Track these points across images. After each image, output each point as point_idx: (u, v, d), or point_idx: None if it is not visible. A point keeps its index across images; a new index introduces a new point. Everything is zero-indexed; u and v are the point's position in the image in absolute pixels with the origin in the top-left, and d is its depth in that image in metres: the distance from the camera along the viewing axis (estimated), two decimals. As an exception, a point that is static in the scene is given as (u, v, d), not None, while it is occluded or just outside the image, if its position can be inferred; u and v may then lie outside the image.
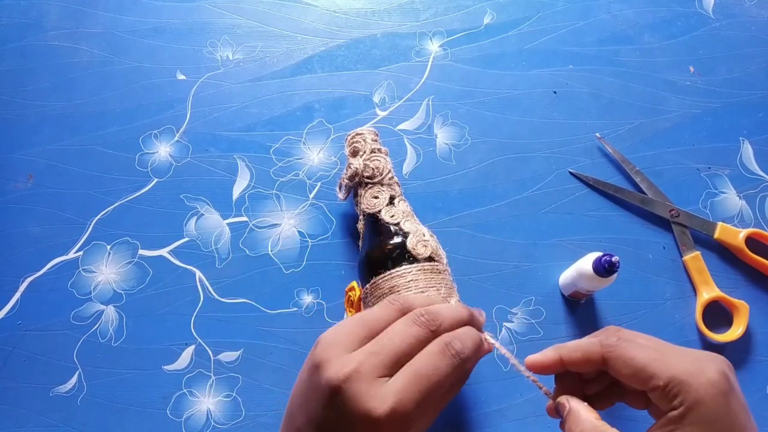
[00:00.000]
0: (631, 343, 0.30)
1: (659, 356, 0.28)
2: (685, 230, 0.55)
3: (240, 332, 0.52)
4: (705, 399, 0.27)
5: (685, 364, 0.28)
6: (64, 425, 0.50)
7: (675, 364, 0.28)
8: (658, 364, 0.28)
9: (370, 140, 0.50)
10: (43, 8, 0.63)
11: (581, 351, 0.31)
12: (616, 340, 0.30)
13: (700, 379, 0.27)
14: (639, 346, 0.29)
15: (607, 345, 0.30)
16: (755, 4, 0.65)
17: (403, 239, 0.45)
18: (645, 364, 0.28)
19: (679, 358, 0.28)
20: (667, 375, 0.27)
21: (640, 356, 0.29)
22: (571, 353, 0.31)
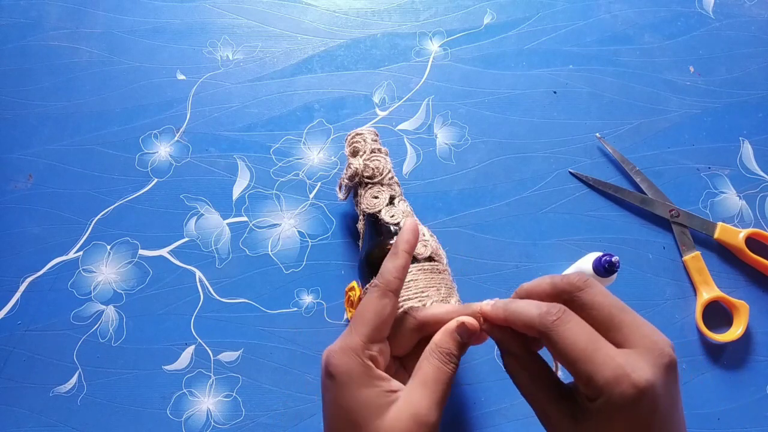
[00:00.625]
0: (567, 327, 0.29)
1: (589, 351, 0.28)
2: (685, 230, 0.55)
3: (240, 332, 0.52)
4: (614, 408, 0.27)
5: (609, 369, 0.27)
6: (64, 425, 0.50)
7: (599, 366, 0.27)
8: (582, 363, 0.28)
9: (370, 140, 0.50)
10: (43, 8, 0.63)
11: (522, 320, 0.31)
12: (554, 320, 0.29)
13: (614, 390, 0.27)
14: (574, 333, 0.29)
15: (544, 324, 0.29)
16: (755, 4, 0.65)
17: None
18: (571, 358, 0.28)
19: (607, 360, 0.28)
20: (585, 375, 0.28)
21: (570, 348, 0.28)
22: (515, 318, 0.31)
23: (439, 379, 0.32)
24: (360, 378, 0.32)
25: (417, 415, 0.31)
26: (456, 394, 0.50)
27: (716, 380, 0.52)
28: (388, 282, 0.34)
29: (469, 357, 0.51)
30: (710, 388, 0.51)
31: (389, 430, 0.31)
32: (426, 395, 0.32)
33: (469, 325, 0.33)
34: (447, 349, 0.33)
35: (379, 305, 0.33)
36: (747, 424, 0.50)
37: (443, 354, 0.33)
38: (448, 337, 0.33)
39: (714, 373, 0.52)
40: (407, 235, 0.35)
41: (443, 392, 0.32)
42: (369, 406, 0.31)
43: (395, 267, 0.34)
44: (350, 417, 0.31)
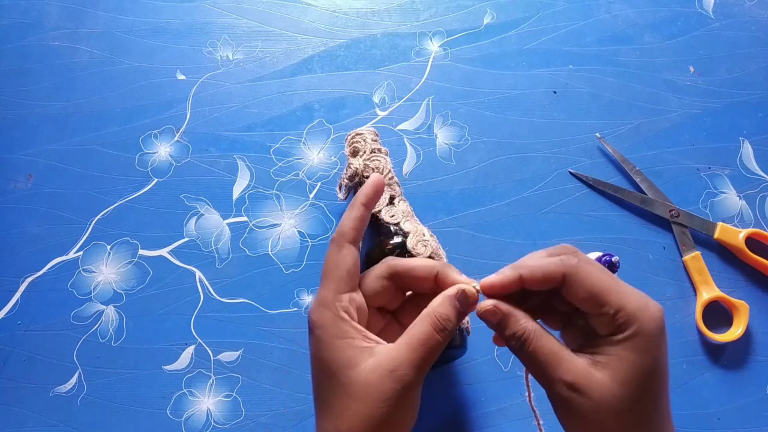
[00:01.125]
0: (590, 267, 0.31)
1: (614, 285, 0.30)
2: (685, 230, 0.55)
3: (240, 332, 0.52)
4: (647, 331, 0.29)
5: (635, 298, 0.30)
6: (64, 425, 0.50)
7: (627, 296, 0.30)
8: (613, 293, 0.30)
9: (370, 140, 0.50)
10: (43, 8, 0.63)
11: (542, 271, 0.31)
12: (577, 261, 0.31)
13: (645, 314, 0.30)
14: (597, 271, 0.31)
15: (569, 266, 0.31)
16: (755, 4, 0.65)
17: (403, 239, 0.45)
18: (600, 291, 0.30)
19: (632, 291, 0.30)
20: (618, 304, 0.30)
21: (598, 282, 0.30)
22: (533, 272, 0.32)
23: (427, 343, 0.32)
24: (333, 329, 0.33)
25: (394, 371, 0.31)
26: (456, 394, 0.51)
27: (716, 380, 0.52)
28: (343, 233, 0.35)
29: (470, 357, 0.51)
30: (710, 388, 0.51)
31: (363, 380, 0.31)
32: (409, 354, 0.31)
33: (468, 293, 0.33)
34: (444, 314, 0.32)
35: (339, 257, 0.34)
36: (747, 424, 0.50)
37: (439, 319, 0.32)
38: (447, 303, 0.33)
39: (714, 373, 0.52)
40: (367, 188, 0.36)
41: (427, 356, 0.32)
42: (343, 356, 0.32)
43: (350, 218, 0.35)
44: (326, 366, 0.33)
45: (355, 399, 0.31)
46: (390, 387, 0.31)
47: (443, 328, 0.32)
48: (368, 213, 0.36)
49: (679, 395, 0.51)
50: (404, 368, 0.31)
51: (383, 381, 0.31)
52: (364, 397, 0.31)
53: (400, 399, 0.31)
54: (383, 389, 0.31)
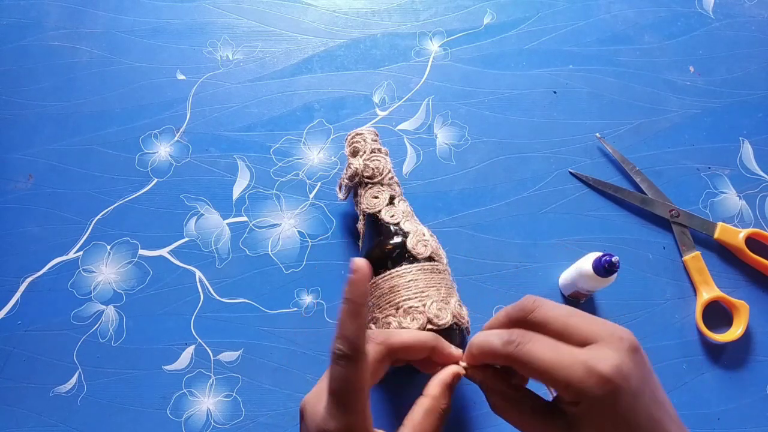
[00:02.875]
0: (531, 346, 0.31)
1: (557, 360, 0.30)
2: (685, 230, 0.55)
3: (240, 332, 0.52)
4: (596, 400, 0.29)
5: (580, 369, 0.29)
6: (64, 425, 0.50)
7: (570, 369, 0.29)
8: (556, 372, 0.29)
9: (370, 140, 0.50)
10: (43, 8, 0.63)
11: (489, 354, 0.32)
12: (516, 345, 0.31)
13: (591, 384, 0.28)
14: (538, 350, 0.30)
15: (508, 351, 0.31)
16: (755, 4, 0.65)
17: (403, 239, 0.45)
18: (545, 371, 0.30)
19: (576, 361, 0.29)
20: (563, 382, 0.29)
21: (539, 363, 0.30)
22: (482, 354, 0.33)
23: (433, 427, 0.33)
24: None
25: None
26: (456, 394, 0.50)
27: (716, 380, 0.52)
28: (357, 348, 0.29)
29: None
30: (710, 388, 0.51)
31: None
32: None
33: (462, 375, 0.35)
34: (447, 404, 0.34)
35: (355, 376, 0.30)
36: (747, 424, 0.50)
37: (444, 412, 0.33)
38: (447, 391, 0.34)
39: (714, 373, 0.52)
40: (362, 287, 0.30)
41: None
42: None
43: (358, 328, 0.30)
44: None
45: None
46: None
47: (446, 414, 0.33)
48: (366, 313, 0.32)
49: (679, 395, 0.51)
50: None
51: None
52: None
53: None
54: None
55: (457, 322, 0.44)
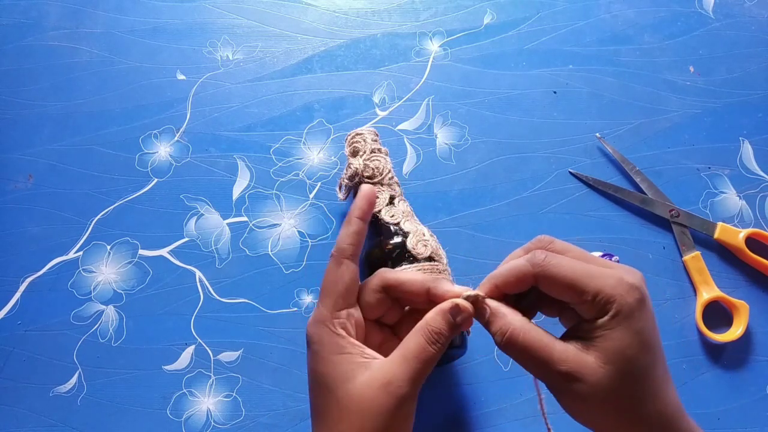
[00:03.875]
0: (558, 260, 0.31)
1: (586, 270, 0.31)
2: (685, 230, 0.55)
3: (240, 332, 0.52)
4: (627, 306, 0.30)
5: (609, 278, 0.30)
6: (64, 425, 0.50)
7: (600, 278, 0.30)
8: (586, 279, 0.30)
9: (370, 140, 0.50)
10: (43, 8, 0.63)
11: (514, 276, 0.32)
12: (544, 257, 0.32)
13: (622, 291, 0.30)
14: (566, 262, 0.31)
15: (537, 264, 0.32)
16: (755, 4, 0.65)
17: (403, 239, 0.45)
18: (573, 282, 0.30)
19: (603, 272, 0.31)
20: (594, 289, 0.30)
21: (569, 274, 0.31)
22: (506, 280, 0.33)
23: (421, 356, 0.32)
24: (330, 346, 0.33)
25: (389, 384, 0.31)
26: (456, 394, 0.51)
27: (716, 380, 0.52)
28: (342, 249, 0.35)
29: (469, 357, 0.51)
30: (710, 388, 0.51)
31: (357, 394, 0.32)
32: (403, 368, 0.32)
33: (462, 307, 0.33)
34: (437, 328, 0.33)
35: (337, 273, 0.35)
36: (747, 424, 0.50)
37: (431, 332, 0.33)
38: (440, 317, 0.33)
39: (714, 373, 0.52)
40: (360, 201, 0.36)
41: (422, 370, 0.32)
42: (339, 371, 0.33)
43: (347, 233, 0.36)
44: (323, 380, 0.33)
45: (349, 413, 0.32)
46: (384, 401, 0.31)
47: (436, 341, 0.32)
48: (365, 226, 0.36)
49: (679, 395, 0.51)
50: (398, 382, 0.32)
51: (377, 395, 0.31)
52: (358, 411, 0.32)
53: (395, 412, 0.32)
54: (378, 403, 0.31)
55: None
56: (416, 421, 0.49)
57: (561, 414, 0.33)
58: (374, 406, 0.31)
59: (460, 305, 0.33)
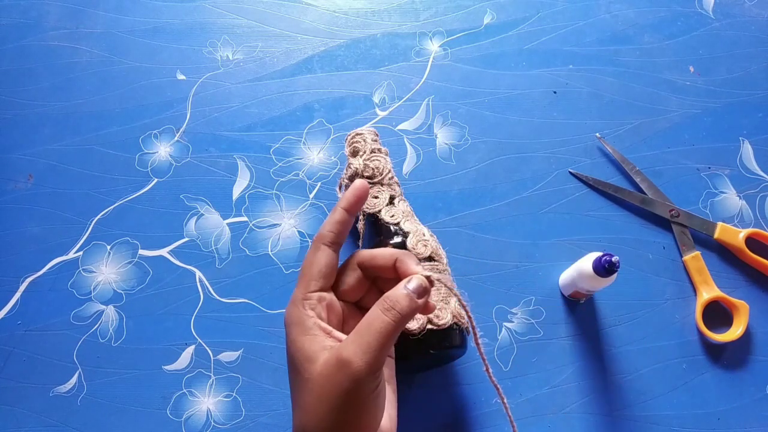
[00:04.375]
0: None
1: None
2: (685, 230, 0.55)
3: (240, 332, 0.52)
4: None
5: None
6: (64, 425, 0.50)
7: None
8: None
9: (371, 140, 0.50)
10: (43, 8, 0.63)
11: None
12: None
13: None
14: None
15: None
16: (755, 4, 0.65)
17: (403, 239, 0.45)
18: None
19: None
20: None
21: None
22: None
23: (373, 325, 0.31)
24: (299, 326, 0.34)
25: (343, 362, 0.31)
26: (456, 394, 0.51)
27: (716, 380, 0.52)
28: (321, 235, 0.36)
29: (469, 357, 0.51)
30: (710, 388, 0.51)
31: (317, 374, 0.32)
32: (355, 340, 0.31)
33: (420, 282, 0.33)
34: (392, 297, 0.32)
35: (313, 257, 0.36)
36: (747, 425, 0.50)
37: (386, 301, 0.32)
38: (399, 288, 0.33)
39: (714, 373, 0.52)
40: (349, 193, 0.37)
41: (376, 341, 0.31)
42: (305, 352, 0.33)
43: (330, 221, 0.37)
44: (292, 361, 0.34)
45: (312, 393, 0.32)
46: (340, 380, 0.31)
47: (391, 307, 0.32)
48: (350, 217, 0.37)
49: (679, 395, 0.51)
50: (349, 353, 0.31)
51: (334, 374, 0.31)
52: (318, 391, 0.32)
53: (353, 392, 0.31)
54: (334, 382, 0.31)
55: (456, 322, 0.44)
56: (416, 421, 0.50)
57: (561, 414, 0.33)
58: (332, 386, 0.31)
59: (419, 281, 0.33)
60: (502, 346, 0.52)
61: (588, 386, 0.51)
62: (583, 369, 0.51)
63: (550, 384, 0.51)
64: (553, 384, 0.51)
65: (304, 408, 0.33)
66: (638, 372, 0.51)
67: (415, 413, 0.50)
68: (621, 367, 0.52)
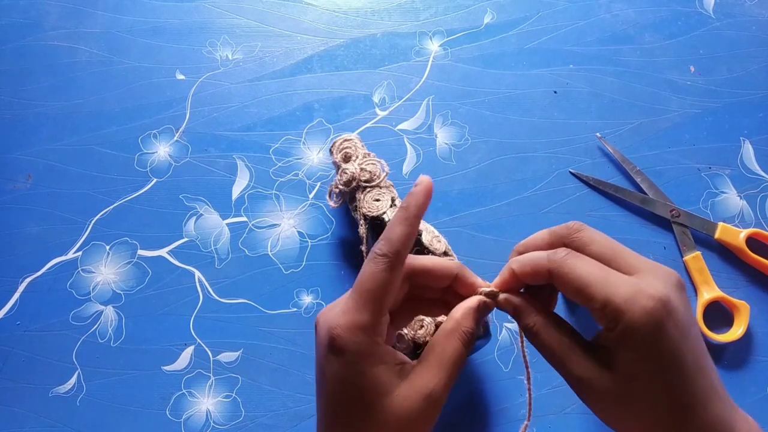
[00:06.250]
0: (576, 260, 0.30)
1: (601, 276, 0.28)
2: (685, 230, 0.55)
3: (239, 332, 0.52)
4: (637, 327, 0.27)
5: (624, 288, 0.28)
6: (63, 425, 0.50)
7: (614, 287, 0.28)
8: (598, 287, 0.28)
9: (360, 144, 0.50)
10: (43, 8, 0.63)
11: (531, 268, 0.31)
12: (564, 255, 0.30)
13: (634, 306, 0.27)
14: (584, 264, 0.29)
15: (554, 261, 0.30)
16: (755, 4, 0.64)
17: (417, 237, 0.46)
18: (585, 285, 0.28)
19: (621, 281, 0.28)
20: (602, 299, 0.27)
21: (583, 276, 0.29)
22: (523, 270, 0.32)
23: (458, 361, 0.31)
24: (371, 356, 0.30)
25: (431, 395, 0.30)
26: (456, 395, 0.50)
27: (717, 381, 0.51)
28: (398, 253, 0.30)
29: (470, 357, 0.51)
30: (711, 389, 0.51)
31: (400, 408, 0.30)
32: (441, 375, 0.31)
33: (489, 304, 0.33)
34: (470, 329, 0.32)
35: (387, 279, 0.30)
36: (748, 425, 0.50)
37: (466, 334, 0.31)
38: (471, 316, 0.32)
39: (715, 373, 0.52)
40: (422, 198, 0.31)
41: (458, 373, 0.32)
42: (379, 384, 0.30)
43: (405, 235, 0.30)
44: (359, 395, 0.30)
45: (388, 426, 0.30)
46: (425, 410, 0.30)
47: (470, 342, 0.32)
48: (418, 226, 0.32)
49: (680, 396, 0.51)
50: (438, 389, 0.31)
51: (419, 406, 0.30)
52: (396, 423, 0.30)
53: (434, 419, 0.31)
54: (418, 414, 0.30)
55: None
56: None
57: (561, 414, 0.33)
58: (414, 416, 0.30)
59: (487, 303, 0.32)
60: (503, 346, 0.52)
61: (588, 387, 0.51)
62: (583, 369, 0.51)
63: (550, 384, 0.51)
64: (553, 384, 0.51)
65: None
66: (639, 372, 0.51)
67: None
68: (621, 368, 0.51)
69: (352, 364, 0.30)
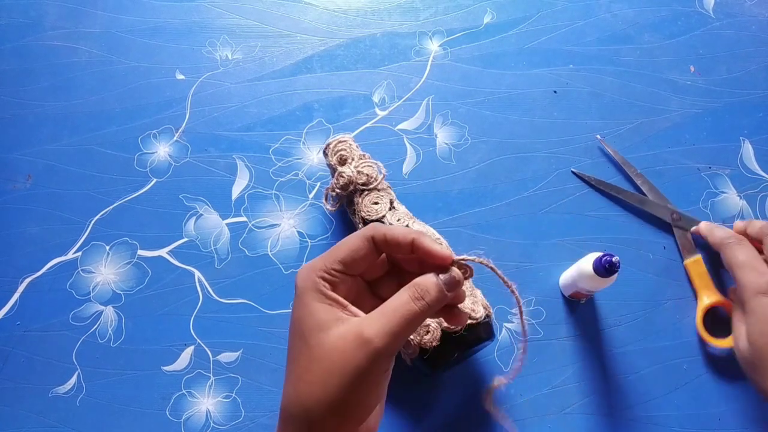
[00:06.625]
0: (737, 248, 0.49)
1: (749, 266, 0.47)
2: (686, 234, 0.55)
3: (239, 333, 0.52)
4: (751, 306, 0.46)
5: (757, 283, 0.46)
6: (63, 426, 0.50)
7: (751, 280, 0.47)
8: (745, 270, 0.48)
9: (355, 146, 0.50)
10: (43, 8, 0.63)
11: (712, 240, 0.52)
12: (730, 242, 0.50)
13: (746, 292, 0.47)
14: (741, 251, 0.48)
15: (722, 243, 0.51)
16: (755, 4, 0.64)
17: None
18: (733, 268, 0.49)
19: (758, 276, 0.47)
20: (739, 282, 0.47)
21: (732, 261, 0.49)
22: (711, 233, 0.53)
23: (401, 310, 0.31)
24: (313, 292, 0.32)
25: (363, 337, 0.30)
26: (456, 394, 0.50)
27: (716, 380, 0.51)
28: (377, 230, 0.34)
29: (470, 357, 0.51)
30: (711, 389, 0.51)
31: (329, 344, 0.31)
32: (379, 320, 0.31)
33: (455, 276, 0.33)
34: (423, 286, 0.32)
35: (352, 240, 0.33)
36: (747, 425, 0.50)
37: (417, 289, 0.32)
38: (430, 278, 0.32)
39: (714, 373, 0.52)
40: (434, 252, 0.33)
41: (400, 326, 0.31)
42: (316, 319, 0.32)
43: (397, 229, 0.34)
44: (298, 326, 0.33)
45: (319, 363, 0.31)
46: (356, 354, 0.30)
47: (420, 297, 0.32)
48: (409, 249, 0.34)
49: (679, 395, 0.51)
50: (373, 335, 0.30)
51: (349, 347, 0.30)
52: (328, 362, 0.30)
53: (366, 368, 0.30)
54: (349, 356, 0.30)
55: (488, 314, 0.46)
56: (416, 422, 0.49)
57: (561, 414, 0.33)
58: (345, 358, 0.30)
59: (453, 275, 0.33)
60: (503, 346, 0.52)
61: (588, 387, 0.51)
62: (583, 369, 0.51)
63: (550, 384, 0.51)
64: (553, 384, 0.51)
65: (305, 378, 0.31)
66: (638, 372, 0.51)
67: (415, 413, 0.50)
68: (621, 368, 0.51)
69: (298, 297, 0.33)
